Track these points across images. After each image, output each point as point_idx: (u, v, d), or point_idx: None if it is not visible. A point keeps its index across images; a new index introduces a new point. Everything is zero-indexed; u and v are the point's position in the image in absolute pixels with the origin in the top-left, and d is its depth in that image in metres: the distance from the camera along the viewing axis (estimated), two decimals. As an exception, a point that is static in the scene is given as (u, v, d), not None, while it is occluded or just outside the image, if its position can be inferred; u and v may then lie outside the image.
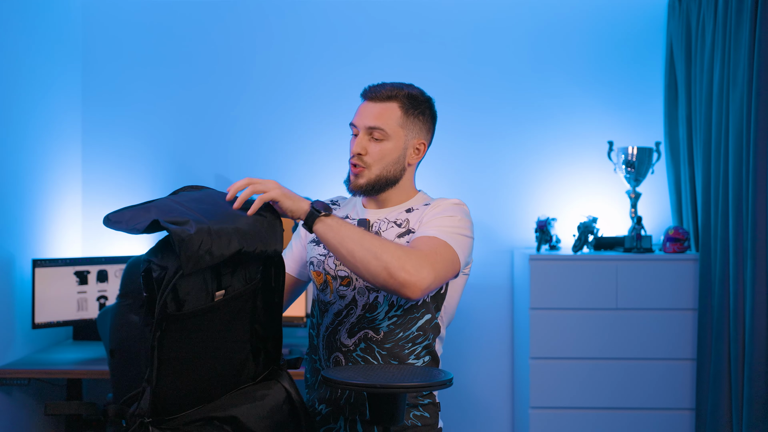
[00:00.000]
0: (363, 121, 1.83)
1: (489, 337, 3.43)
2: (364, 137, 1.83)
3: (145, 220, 1.52)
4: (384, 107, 1.82)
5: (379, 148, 1.82)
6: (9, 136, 2.91)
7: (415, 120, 1.85)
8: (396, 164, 1.84)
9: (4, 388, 2.82)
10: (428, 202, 1.87)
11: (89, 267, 3.09)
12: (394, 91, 1.83)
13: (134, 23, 3.48)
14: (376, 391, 1.53)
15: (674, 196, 3.29)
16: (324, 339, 1.82)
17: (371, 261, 1.61)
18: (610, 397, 3.00)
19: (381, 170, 1.83)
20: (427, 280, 1.62)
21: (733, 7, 2.79)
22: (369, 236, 1.64)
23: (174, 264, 1.44)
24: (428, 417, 1.81)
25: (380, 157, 1.82)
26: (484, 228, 3.43)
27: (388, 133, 1.82)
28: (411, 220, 1.83)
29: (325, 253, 1.86)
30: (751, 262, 2.68)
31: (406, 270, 1.60)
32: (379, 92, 1.83)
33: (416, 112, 1.85)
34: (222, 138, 3.48)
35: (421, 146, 1.88)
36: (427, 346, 1.82)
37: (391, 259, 1.60)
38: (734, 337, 2.78)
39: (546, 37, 3.44)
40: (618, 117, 3.41)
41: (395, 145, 1.83)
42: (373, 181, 1.83)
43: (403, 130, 1.84)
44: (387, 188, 1.85)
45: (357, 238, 1.62)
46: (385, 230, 1.82)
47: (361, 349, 1.78)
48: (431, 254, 1.66)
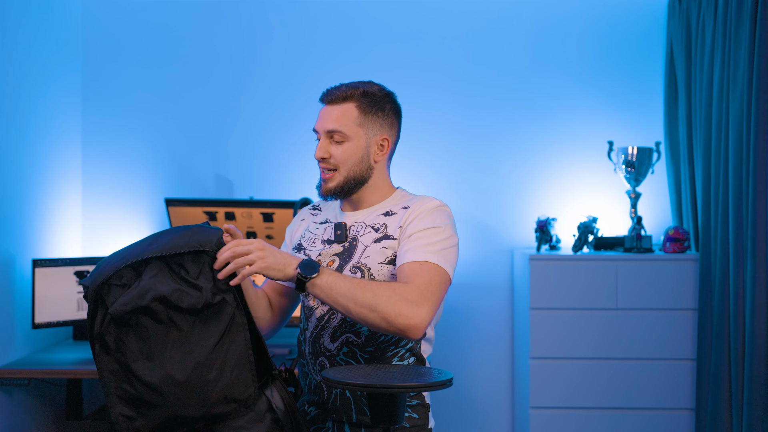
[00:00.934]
0: (322, 125, 1.85)
1: (489, 337, 3.43)
2: (325, 141, 1.85)
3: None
4: (341, 109, 1.83)
5: (340, 150, 1.83)
6: (9, 136, 2.91)
7: (374, 117, 1.84)
8: (361, 163, 1.84)
9: (4, 388, 2.82)
10: (406, 204, 1.85)
11: (89, 267, 3.09)
12: (349, 91, 1.84)
13: (134, 23, 3.48)
14: (376, 391, 1.53)
15: (674, 196, 3.29)
16: (310, 344, 1.83)
17: (368, 315, 1.63)
18: (610, 397, 3.00)
19: (347, 171, 1.83)
20: (427, 318, 1.65)
21: (733, 7, 2.79)
22: (360, 288, 1.64)
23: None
24: (417, 418, 1.81)
25: (343, 158, 1.83)
26: (484, 228, 3.43)
27: (347, 135, 1.82)
28: (389, 225, 1.81)
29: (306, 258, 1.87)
30: (751, 262, 2.68)
31: (403, 316, 1.62)
32: (334, 95, 1.84)
33: (374, 110, 1.84)
34: (222, 138, 3.48)
35: (385, 142, 1.87)
36: (411, 349, 1.81)
37: (387, 308, 1.62)
38: (734, 337, 2.78)
39: (546, 37, 3.44)
40: (618, 117, 3.41)
41: (356, 144, 1.83)
42: (341, 183, 1.83)
43: (363, 129, 1.83)
44: (357, 188, 1.86)
45: (349, 295, 1.63)
46: (363, 235, 1.81)
47: (343, 353, 1.78)
48: (426, 288, 1.67)
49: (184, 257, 1.57)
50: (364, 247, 1.80)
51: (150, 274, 1.56)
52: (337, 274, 1.67)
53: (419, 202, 1.83)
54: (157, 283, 1.54)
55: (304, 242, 1.91)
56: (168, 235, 1.61)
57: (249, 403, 1.58)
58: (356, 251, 1.80)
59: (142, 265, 1.57)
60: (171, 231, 1.64)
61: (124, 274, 1.56)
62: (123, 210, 3.47)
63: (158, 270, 1.56)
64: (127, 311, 1.53)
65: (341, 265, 1.80)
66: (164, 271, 1.56)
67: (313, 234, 1.91)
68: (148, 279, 1.55)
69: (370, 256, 1.78)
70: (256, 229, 3.23)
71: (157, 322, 1.55)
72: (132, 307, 1.53)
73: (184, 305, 1.54)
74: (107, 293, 1.55)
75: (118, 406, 1.57)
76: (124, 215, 3.47)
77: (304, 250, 1.88)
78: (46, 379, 3.02)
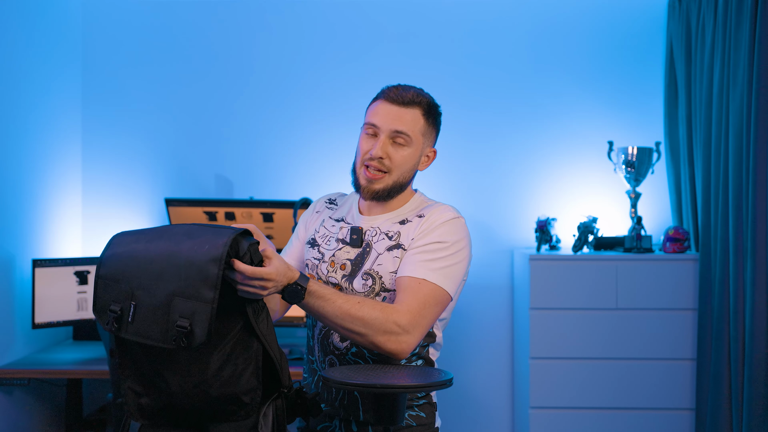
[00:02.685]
0: (389, 124, 1.77)
1: (489, 337, 3.43)
2: (386, 140, 1.78)
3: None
4: (409, 112, 1.78)
5: (401, 154, 1.78)
6: (9, 136, 2.91)
7: (432, 129, 1.84)
8: (411, 171, 1.83)
9: (4, 388, 2.82)
10: (422, 212, 1.82)
11: (89, 267, 3.09)
12: (418, 97, 1.79)
13: (134, 23, 3.48)
14: (375, 390, 1.54)
15: (674, 196, 3.29)
16: (319, 341, 1.82)
17: (357, 339, 1.64)
18: (610, 397, 3.00)
19: (398, 176, 1.80)
20: (415, 342, 1.66)
21: (733, 7, 2.78)
22: (350, 315, 1.61)
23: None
24: (424, 417, 1.81)
25: (400, 162, 1.78)
26: (484, 228, 3.43)
27: (411, 140, 1.78)
28: (402, 234, 1.79)
29: (319, 257, 1.86)
30: (751, 262, 2.68)
31: (392, 341, 1.63)
32: (404, 96, 1.78)
33: (433, 121, 1.83)
34: (222, 138, 3.48)
35: (432, 154, 1.87)
36: (418, 353, 1.81)
37: (376, 335, 1.62)
38: (734, 337, 2.78)
39: (546, 37, 3.44)
40: (618, 117, 3.41)
41: (414, 152, 1.80)
42: (389, 187, 1.80)
43: (423, 138, 1.82)
44: (397, 193, 1.83)
45: (338, 321, 1.62)
46: (377, 242, 1.80)
47: (352, 353, 1.77)
48: (419, 311, 1.66)
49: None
50: (377, 255, 1.78)
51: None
52: (327, 297, 1.62)
53: (434, 212, 1.80)
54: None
55: (319, 238, 1.89)
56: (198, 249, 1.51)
57: (248, 410, 1.54)
58: (369, 258, 1.78)
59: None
60: (199, 243, 1.52)
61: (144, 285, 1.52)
62: (123, 210, 3.47)
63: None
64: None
65: (354, 271, 1.78)
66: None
67: (328, 231, 1.89)
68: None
69: (383, 264, 1.77)
70: (256, 229, 3.23)
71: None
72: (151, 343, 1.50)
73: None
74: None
75: (129, 380, 1.58)
76: (124, 215, 3.47)
77: (319, 246, 1.87)
78: (46, 379, 3.02)
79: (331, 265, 1.82)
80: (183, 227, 1.56)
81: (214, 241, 1.48)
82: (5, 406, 2.85)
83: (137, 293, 1.49)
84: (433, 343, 1.83)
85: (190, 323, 1.44)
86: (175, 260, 1.48)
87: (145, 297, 1.48)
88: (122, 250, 1.54)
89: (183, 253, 1.48)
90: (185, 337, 1.44)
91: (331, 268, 1.82)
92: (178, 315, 1.45)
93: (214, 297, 1.44)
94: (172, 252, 1.49)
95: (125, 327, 1.49)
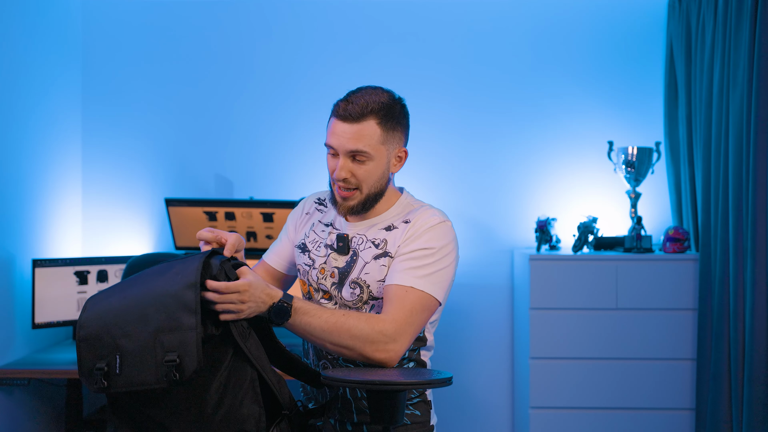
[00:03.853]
0: (344, 145, 1.72)
1: (489, 337, 3.43)
2: (346, 161, 1.73)
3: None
4: (361, 128, 1.71)
5: (364, 170, 1.74)
6: (9, 136, 2.91)
7: (394, 133, 1.76)
8: (381, 179, 1.78)
9: (4, 388, 2.82)
10: (408, 217, 1.80)
11: (89, 267, 3.09)
12: (368, 106, 1.71)
13: (134, 23, 3.48)
14: (374, 387, 1.54)
15: (674, 196, 3.29)
16: (313, 345, 1.82)
17: (345, 352, 1.65)
18: (610, 397, 3.00)
19: (369, 189, 1.77)
20: (402, 350, 1.66)
21: (733, 7, 2.79)
22: (336, 329, 1.63)
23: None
24: (419, 415, 1.81)
25: (365, 177, 1.75)
26: (484, 228, 3.43)
27: (371, 154, 1.72)
28: (389, 241, 1.77)
29: (310, 263, 1.85)
30: (751, 262, 2.68)
31: (380, 351, 1.64)
32: (353, 110, 1.71)
33: (394, 124, 1.75)
34: (222, 138, 3.48)
35: (403, 154, 1.81)
36: (409, 356, 1.80)
37: (364, 346, 1.63)
38: (734, 337, 2.78)
39: (546, 37, 3.45)
40: (618, 117, 3.41)
41: (378, 163, 1.74)
42: (363, 201, 1.77)
43: (384, 146, 1.74)
44: (374, 203, 1.80)
45: (325, 336, 1.63)
46: (363, 250, 1.78)
47: (344, 358, 1.76)
48: (405, 319, 1.66)
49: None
50: (363, 263, 1.77)
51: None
52: (312, 313, 1.63)
53: (420, 217, 1.78)
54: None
55: (309, 243, 1.88)
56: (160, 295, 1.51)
57: None
58: (356, 266, 1.77)
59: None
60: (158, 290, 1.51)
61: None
62: (123, 210, 3.47)
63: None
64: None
65: (342, 279, 1.78)
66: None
67: (318, 236, 1.87)
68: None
69: (370, 273, 1.76)
70: (256, 229, 3.23)
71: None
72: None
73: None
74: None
75: (122, 428, 1.55)
76: (124, 215, 3.47)
77: (309, 252, 1.86)
78: (46, 379, 3.01)
79: (321, 272, 1.82)
80: (152, 269, 1.57)
81: (185, 269, 1.50)
82: (5, 406, 2.85)
83: (121, 342, 1.46)
84: (424, 346, 1.83)
85: (178, 355, 1.43)
86: (152, 299, 1.48)
87: (130, 344, 1.46)
88: (98, 308, 1.52)
89: (158, 290, 1.48)
90: (176, 370, 1.43)
91: (321, 275, 1.82)
92: (165, 351, 1.44)
93: (196, 322, 1.44)
94: (147, 292, 1.49)
95: (114, 380, 1.46)
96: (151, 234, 3.47)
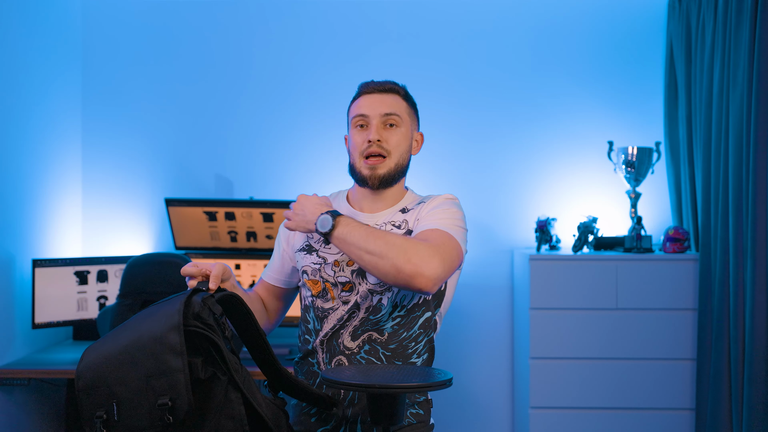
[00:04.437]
0: (377, 109, 1.85)
1: (489, 337, 3.43)
2: (379, 125, 1.85)
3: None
4: (391, 97, 1.88)
5: (396, 136, 1.86)
6: (9, 136, 2.91)
7: (414, 114, 1.94)
8: (406, 154, 1.90)
9: (4, 388, 2.82)
10: (421, 200, 1.90)
11: (89, 267, 3.09)
12: (395, 86, 1.91)
13: (134, 23, 3.48)
14: (374, 391, 1.54)
15: (674, 196, 3.29)
16: (323, 344, 1.81)
17: (378, 262, 1.65)
18: (610, 397, 3.00)
19: (398, 159, 1.87)
20: (436, 270, 1.65)
21: (733, 7, 2.78)
22: (373, 236, 1.67)
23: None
24: (422, 414, 1.83)
25: (396, 143, 1.86)
26: (484, 228, 3.43)
27: (401, 119, 1.87)
28: (409, 221, 1.84)
29: (320, 261, 1.84)
30: (751, 262, 2.68)
31: (412, 263, 1.63)
32: (383, 85, 1.89)
33: (412, 104, 1.94)
34: (222, 138, 3.48)
35: (420, 138, 1.96)
36: (427, 343, 1.84)
37: (398, 255, 1.63)
38: (734, 337, 2.78)
39: (546, 36, 3.44)
40: (618, 117, 3.41)
41: (406, 132, 1.89)
42: (393, 170, 1.86)
43: (410, 119, 1.91)
44: (398, 180, 1.89)
45: (362, 244, 1.67)
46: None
47: (365, 351, 1.78)
48: (438, 245, 1.69)
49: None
50: None
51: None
52: (354, 224, 1.71)
53: (434, 196, 1.89)
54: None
55: (315, 243, 1.88)
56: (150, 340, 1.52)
57: None
58: None
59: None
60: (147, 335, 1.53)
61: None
62: (123, 210, 3.47)
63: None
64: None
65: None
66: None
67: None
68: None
69: None
70: (256, 229, 3.23)
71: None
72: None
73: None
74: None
75: None
76: (124, 215, 3.47)
77: (317, 251, 1.86)
78: (46, 379, 3.02)
79: (336, 265, 1.82)
80: (144, 311, 1.60)
81: (168, 311, 1.53)
82: (5, 406, 2.85)
83: (116, 390, 1.49)
84: (436, 332, 1.87)
85: (170, 398, 1.46)
86: (141, 343, 1.51)
87: (125, 391, 1.49)
88: (93, 357, 1.54)
89: (145, 335, 1.51)
90: (169, 413, 1.46)
91: (337, 268, 1.81)
92: (156, 395, 1.47)
93: (183, 363, 1.47)
94: (137, 337, 1.52)
95: (114, 428, 1.49)
96: (151, 234, 3.47)
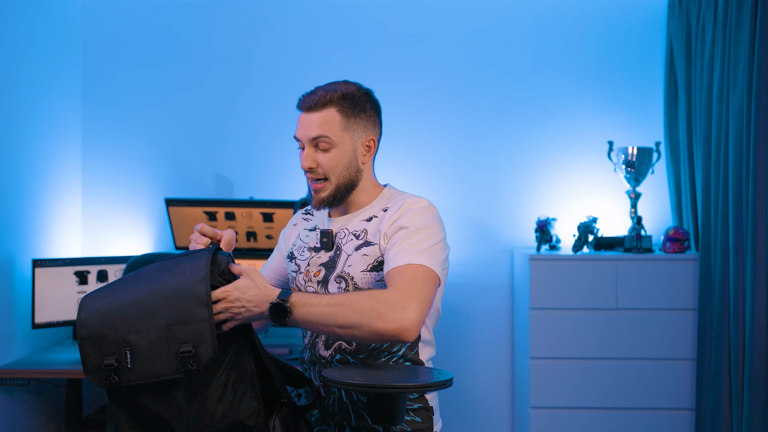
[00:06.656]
0: (305, 134, 1.76)
1: (489, 337, 3.43)
2: (310, 150, 1.77)
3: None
4: (321, 115, 1.75)
5: (328, 158, 1.76)
6: (9, 136, 2.91)
7: (357, 120, 1.78)
8: (350, 168, 1.79)
9: (4, 388, 2.82)
10: (387, 205, 1.81)
11: (89, 267, 3.09)
12: (327, 95, 1.76)
13: (134, 23, 3.48)
14: (374, 391, 1.53)
15: (674, 196, 3.29)
16: (308, 350, 1.84)
17: (355, 333, 1.58)
18: (610, 397, 3.00)
19: (338, 179, 1.78)
20: (415, 316, 1.57)
21: (733, 7, 2.78)
22: (339, 310, 1.58)
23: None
24: (420, 422, 1.79)
25: (331, 166, 1.76)
26: (484, 228, 3.43)
27: (333, 140, 1.75)
28: (369, 231, 1.78)
29: (296, 269, 1.87)
30: (751, 262, 2.68)
31: (390, 321, 1.55)
32: (312, 101, 1.76)
33: (356, 111, 1.78)
34: (222, 138, 3.48)
35: (371, 143, 1.82)
36: (404, 355, 1.78)
37: (371, 320, 1.56)
38: (734, 337, 2.78)
39: (546, 36, 3.44)
40: (618, 117, 3.41)
41: (343, 150, 1.77)
42: (333, 192, 1.78)
43: (347, 133, 1.77)
44: (349, 194, 1.81)
45: (330, 321, 1.58)
46: (345, 243, 1.79)
47: (337, 360, 1.77)
48: (409, 288, 1.60)
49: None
50: (346, 256, 1.78)
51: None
52: (311, 301, 1.60)
53: (402, 202, 1.78)
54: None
55: (295, 251, 1.91)
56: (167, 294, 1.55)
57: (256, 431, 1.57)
58: (340, 260, 1.78)
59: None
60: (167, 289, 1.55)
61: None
62: (123, 210, 3.47)
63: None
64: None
65: (327, 275, 1.78)
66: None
67: (302, 242, 1.90)
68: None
69: (353, 264, 1.76)
70: (256, 229, 3.23)
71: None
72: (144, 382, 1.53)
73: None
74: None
75: (123, 423, 1.58)
76: (124, 215, 3.47)
77: (295, 259, 1.89)
78: (46, 379, 3.02)
79: (306, 275, 1.83)
80: (153, 266, 1.61)
81: (193, 264, 1.55)
82: (5, 406, 2.85)
83: (130, 338, 1.50)
84: (420, 340, 1.80)
85: (193, 346, 1.49)
86: (162, 294, 1.52)
87: (140, 339, 1.50)
88: (99, 306, 1.54)
89: (166, 286, 1.53)
90: (192, 360, 1.48)
91: (306, 277, 1.83)
92: (179, 342, 1.50)
93: (209, 314, 1.50)
94: (156, 288, 1.54)
95: (126, 375, 1.50)
96: (151, 234, 3.47)
